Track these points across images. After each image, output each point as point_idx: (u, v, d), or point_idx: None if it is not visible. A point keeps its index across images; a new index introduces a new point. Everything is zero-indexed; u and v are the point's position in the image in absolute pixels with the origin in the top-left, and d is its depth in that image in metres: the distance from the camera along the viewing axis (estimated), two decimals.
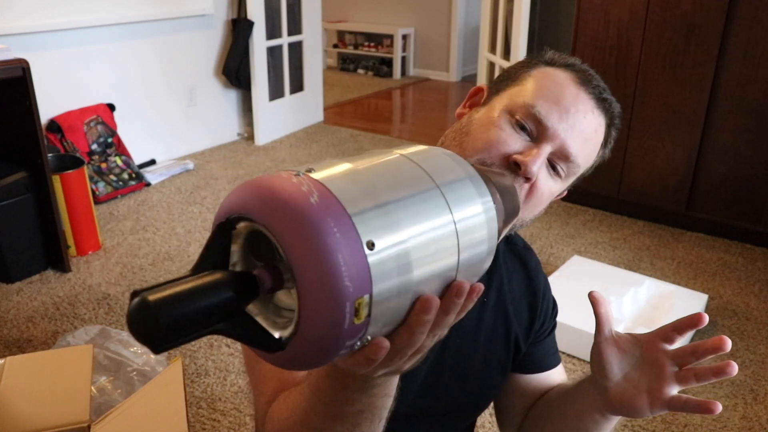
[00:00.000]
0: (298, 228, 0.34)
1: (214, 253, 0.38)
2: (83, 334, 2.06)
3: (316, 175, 0.37)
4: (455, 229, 0.41)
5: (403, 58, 6.74)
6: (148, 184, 3.52)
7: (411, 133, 4.89)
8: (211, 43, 4.01)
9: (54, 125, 3.18)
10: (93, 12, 3.29)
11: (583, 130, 0.73)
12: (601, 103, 0.75)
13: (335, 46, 7.16)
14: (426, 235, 0.39)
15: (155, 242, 2.88)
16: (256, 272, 0.37)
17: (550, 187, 0.74)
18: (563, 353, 2.13)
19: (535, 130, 0.72)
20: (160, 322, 0.32)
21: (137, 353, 1.92)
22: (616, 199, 3.19)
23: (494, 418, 1.86)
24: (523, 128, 0.73)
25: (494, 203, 0.45)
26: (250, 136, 4.33)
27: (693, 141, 2.88)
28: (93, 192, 3.11)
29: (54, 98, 3.18)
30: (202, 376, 2.01)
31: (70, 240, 2.69)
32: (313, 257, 0.34)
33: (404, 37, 6.65)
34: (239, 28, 3.96)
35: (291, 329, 0.37)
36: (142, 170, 3.57)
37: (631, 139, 3.05)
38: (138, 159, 3.64)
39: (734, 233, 2.94)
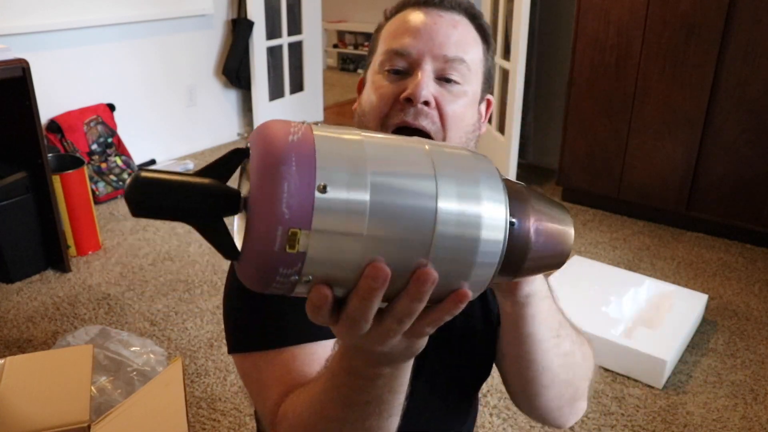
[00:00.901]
0: (263, 154, 0.39)
1: (218, 168, 0.41)
2: (83, 334, 2.06)
3: (317, 130, 0.41)
4: (435, 217, 0.40)
5: None
6: None
7: None
8: (211, 43, 4.01)
9: (54, 125, 3.18)
10: (93, 12, 3.29)
11: (442, 33, 0.74)
12: (444, 7, 0.76)
13: (335, 46, 7.16)
14: (393, 207, 0.39)
15: (155, 242, 2.88)
16: (243, 194, 0.42)
17: (457, 100, 0.75)
18: None
19: (406, 64, 0.74)
20: (138, 198, 0.37)
21: (137, 353, 1.92)
22: (616, 199, 3.19)
23: (494, 419, 1.86)
24: (397, 72, 0.74)
25: (505, 214, 0.43)
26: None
27: (693, 141, 2.88)
28: (93, 192, 3.11)
29: (54, 98, 3.18)
30: (202, 376, 2.01)
31: (70, 240, 2.69)
32: (262, 178, 0.38)
33: None
34: (239, 28, 3.96)
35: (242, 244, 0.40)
36: None
37: (631, 139, 3.05)
38: (138, 159, 3.64)
39: (734, 233, 2.94)
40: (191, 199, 0.39)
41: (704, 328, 2.29)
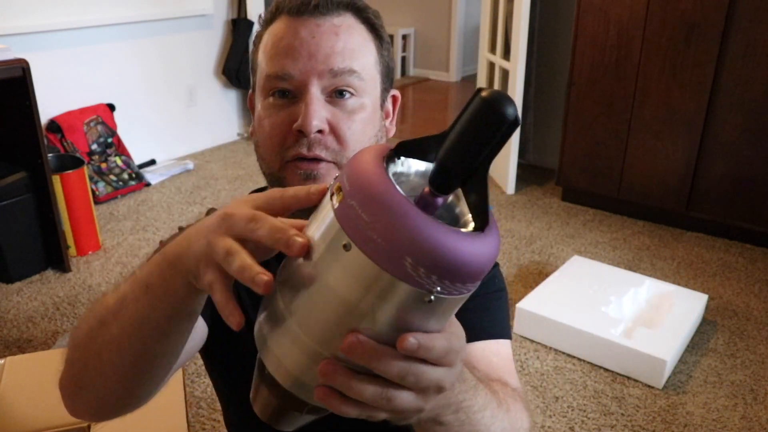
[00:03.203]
0: None
1: None
2: None
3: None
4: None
5: (403, 58, 6.74)
6: (148, 184, 3.52)
7: (411, 133, 4.89)
8: (211, 43, 4.01)
9: (54, 125, 3.18)
10: (93, 12, 3.29)
11: (324, 45, 0.68)
12: (320, 12, 0.69)
13: None
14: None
15: (155, 242, 2.87)
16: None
17: (354, 117, 0.69)
18: (563, 353, 2.13)
19: (291, 87, 0.69)
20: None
21: None
22: (616, 199, 3.19)
23: None
24: (284, 95, 0.69)
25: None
26: (250, 136, 4.33)
27: (693, 141, 2.88)
28: (93, 192, 3.11)
29: (54, 98, 3.17)
30: (202, 376, 2.01)
31: (70, 240, 2.69)
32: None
33: (404, 37, 6.65)
34: (239, 28, 3.97)
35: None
36: (142, 170, 3.57)
37: (631, 139, 3.05)
38: (138, 159, 3.64)
39: (734, 233, 2.94)
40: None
41: (704, 328, 2.29)
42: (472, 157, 0.36)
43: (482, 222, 0.38)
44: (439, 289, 0.35)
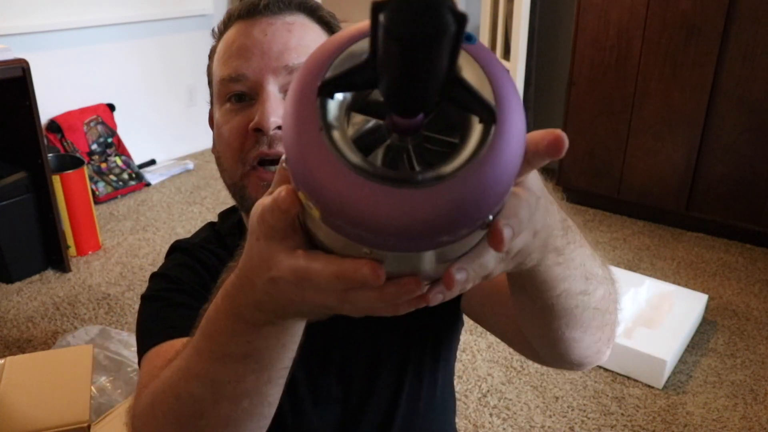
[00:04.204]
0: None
1: None
2: (83, 334, 2.06)
3: None
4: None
5: None
6: (148, 184, 3.52)
7: None
8: (211, 43, 4.00)
9: (54, 125, 3.18)
10: (93, 12, 3.29)
11: (276, 42, 0.67)
12: (272, 11, 0.68)
13: None
14: None
15: (155, 242, 2.88)
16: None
17: None
18: None
19: (246, 88, 0.67)
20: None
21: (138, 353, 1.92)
22: (616, 199, 3.19)
23: (494, 419, 1.86)
24: (240, 98, 0.68)
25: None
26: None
27: (693, 141, 2.88)
28: (93, 192, 3.11)
29: (54, 98, 3.18)
30: None
31: (70, 240, 2.69)
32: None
33: None
34: None
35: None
36: (142, 170, 3.57)
37: (631, 139, 3.05)
38: (138, 159, 3.64)
39: (734, 233, 2.94)
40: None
41: (704, 328, 2.29)
42: (414, 87, 0.28)
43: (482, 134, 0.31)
44: (381, 245, 0.31)
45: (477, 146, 0.31)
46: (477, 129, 0.31)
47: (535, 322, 0.56)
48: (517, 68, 3.30)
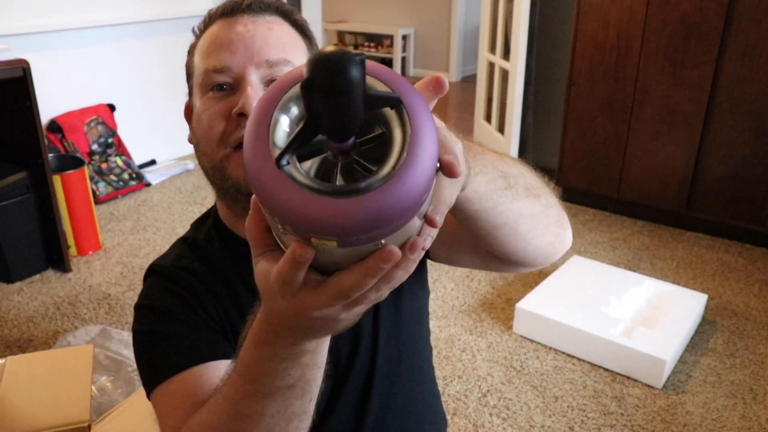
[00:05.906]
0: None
1: None
2: (84, 334, 2.06)
3: None
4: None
5: (403, 59, 6.74)
6: (148, 184, 3.52)
7: None
8: None
9: (54, 125, 3.19)
10: (93, 12, 3.30)
11: (258, 37, 0.72)
12: (253, 11, 0.74)
13: (335, 46, 7.16)
14: None
15: (155, 242, 2.88)
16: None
17: None
18: (563, 353, 2.13)
19: (230, 79, 0.72)
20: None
21: None
22: (616, 199, 3.19)
23: (494, 419, 1.86)
24: (222, 88, 0.72)
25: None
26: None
27: (693, 141, 2.88)
28: (93, 192, 3.11)
29: (54, 98, 3.18)
30: None
31: (71, 240, 2.69)
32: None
33: (404, 37, 6.65)
34: None
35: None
36: (142, 170, 3.58)
37: (631, 139, 3.05)
38: (138, 159, 3.64)
39: (734, 233, 2.95)
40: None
41: (704, 328, 2.30)
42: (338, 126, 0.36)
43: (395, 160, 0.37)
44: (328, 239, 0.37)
45: (401, 146, 0.38)
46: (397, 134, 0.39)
47: (490, 240, 0.63)
48: (516, 68, 3.31)
